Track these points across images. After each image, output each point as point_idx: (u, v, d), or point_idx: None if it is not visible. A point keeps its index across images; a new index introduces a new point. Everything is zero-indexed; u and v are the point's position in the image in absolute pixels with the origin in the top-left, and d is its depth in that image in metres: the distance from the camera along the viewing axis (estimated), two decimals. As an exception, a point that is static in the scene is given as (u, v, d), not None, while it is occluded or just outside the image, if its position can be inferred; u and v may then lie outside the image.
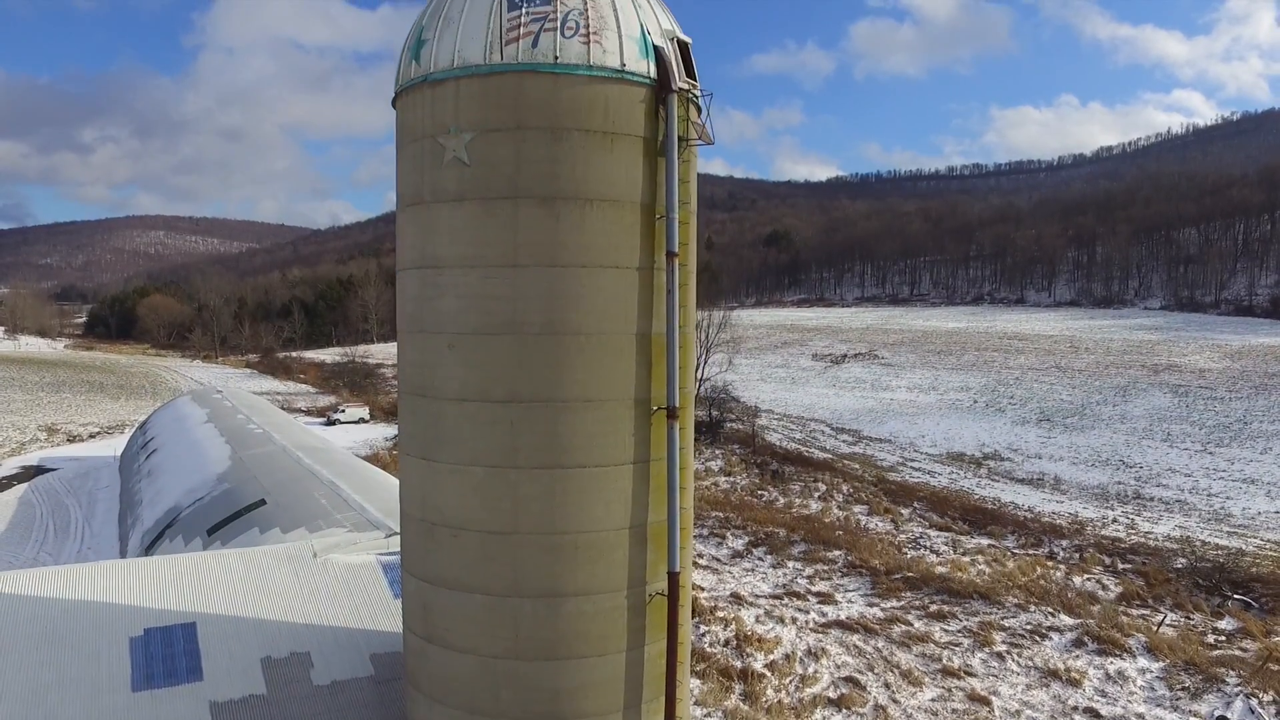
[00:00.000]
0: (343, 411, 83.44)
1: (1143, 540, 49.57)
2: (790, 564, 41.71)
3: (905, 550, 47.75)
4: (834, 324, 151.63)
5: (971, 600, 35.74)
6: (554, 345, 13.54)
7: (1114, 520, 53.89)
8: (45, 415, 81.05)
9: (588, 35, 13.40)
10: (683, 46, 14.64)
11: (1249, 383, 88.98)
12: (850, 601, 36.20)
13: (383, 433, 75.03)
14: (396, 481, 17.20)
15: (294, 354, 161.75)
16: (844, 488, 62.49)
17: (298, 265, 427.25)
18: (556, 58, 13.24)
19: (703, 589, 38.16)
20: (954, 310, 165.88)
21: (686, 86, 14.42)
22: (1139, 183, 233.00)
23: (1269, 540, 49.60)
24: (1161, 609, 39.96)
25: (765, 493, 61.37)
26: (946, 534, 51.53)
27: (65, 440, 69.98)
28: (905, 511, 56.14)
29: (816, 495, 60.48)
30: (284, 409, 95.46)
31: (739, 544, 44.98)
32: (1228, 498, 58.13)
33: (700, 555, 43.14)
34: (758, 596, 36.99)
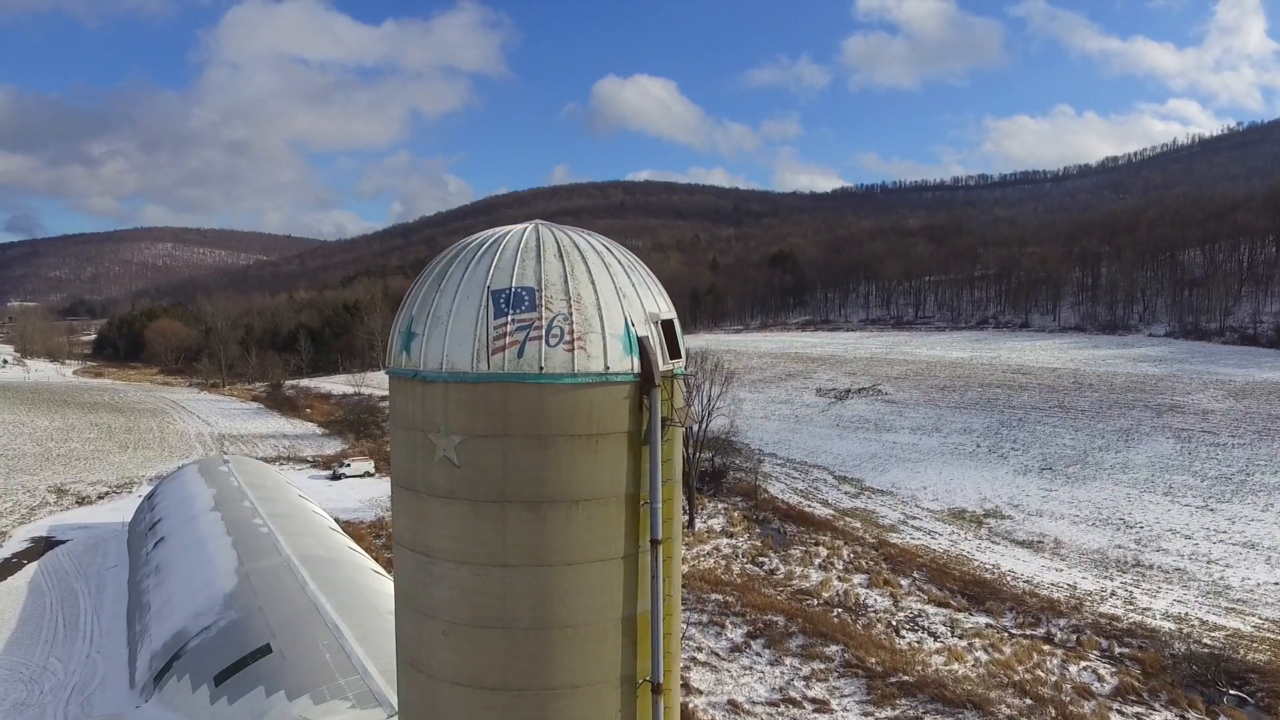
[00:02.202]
0: (348, 465, 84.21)
1: (1140, 620, 49.92)
2: (788, 660, 42.20)
3: (903, 633, 48.25)
4: (838, 352, 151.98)
5: (964, 711, 36.20)
6: (543, 638, 14.09)
7: (1112, 593, 54.23)
8: (54, 473, 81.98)
9: (572, 342, 13.89)
10: (666, 327, 15.18)
11: (1252, 426, 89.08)
12: (846, 710, 36.71)
13: (387, 490, 75.57)
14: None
15: (301, 383, 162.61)
16: (845, 552, 62.91)
17: (304, 280, 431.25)
18: (541, 368, 13.74)
19: (700, 692, 38.72)
20: (958, 336, 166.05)
21: (669, 368, 14.98)
22: (1144, 204, 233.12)
23: (1267, 619, 49.88)
24: (1156, 706, 40.39)
25: (766, 559, 61.85)
26: (945, 610, 51.98)
27: (74, 503, 70.87)
28: (905, 583, 56.57)
29: (817, 562, 60.94)
30: (289, 459, 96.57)
31: (737, 635, 45.48)
32: (1227, 565, 58.37)
33: (699, 648, 43.68)
34: (755, 703, 37.50)
